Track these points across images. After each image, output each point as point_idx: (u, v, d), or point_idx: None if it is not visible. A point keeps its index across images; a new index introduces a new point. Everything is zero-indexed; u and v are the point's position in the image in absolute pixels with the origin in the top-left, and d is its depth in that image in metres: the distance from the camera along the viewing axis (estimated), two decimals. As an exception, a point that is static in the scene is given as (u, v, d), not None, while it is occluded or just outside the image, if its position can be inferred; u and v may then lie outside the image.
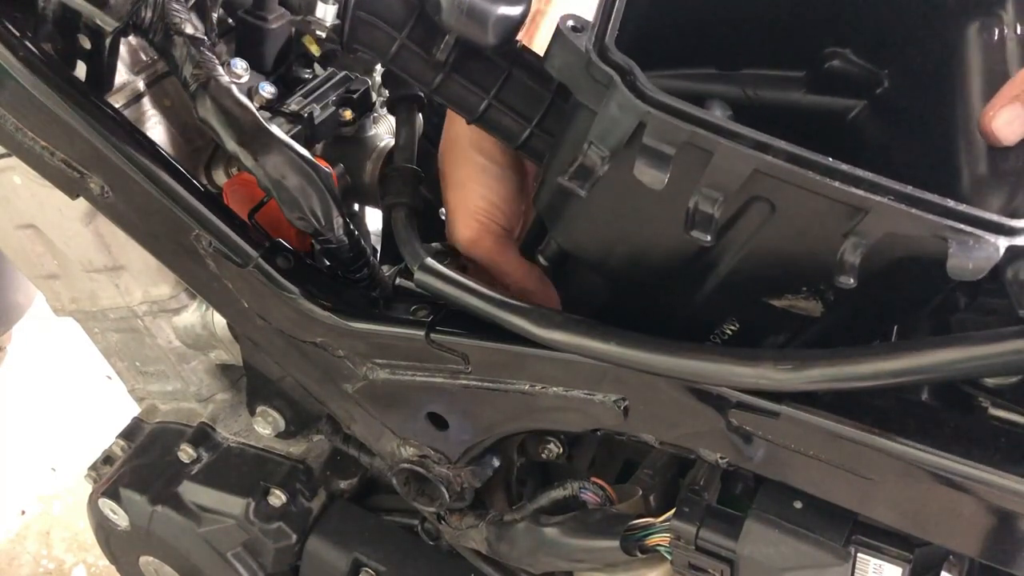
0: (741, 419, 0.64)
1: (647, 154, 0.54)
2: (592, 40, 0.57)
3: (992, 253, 0.51)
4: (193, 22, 0.74)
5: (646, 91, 0.54)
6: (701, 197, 0.55)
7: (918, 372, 0.56)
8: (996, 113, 0.57)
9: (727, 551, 0.71)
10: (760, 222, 0.57)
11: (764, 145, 0.53)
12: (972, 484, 0.57)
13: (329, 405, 0.89)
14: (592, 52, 0.56)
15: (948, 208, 0.51)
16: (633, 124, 0.55)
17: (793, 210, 0.55)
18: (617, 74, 0.55)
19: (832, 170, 0.52)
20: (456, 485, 0.86)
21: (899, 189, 0.52)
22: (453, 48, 0.71)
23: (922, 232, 0.52)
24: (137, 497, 1.06)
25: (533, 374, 0.72)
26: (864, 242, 0.54)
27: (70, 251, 0.98)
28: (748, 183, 0.54)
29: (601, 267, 0.69)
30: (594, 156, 0.58)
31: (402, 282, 0.83)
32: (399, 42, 0.72)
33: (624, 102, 0.54)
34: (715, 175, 0.54)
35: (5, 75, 0.74)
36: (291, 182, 0.73)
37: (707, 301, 0.65)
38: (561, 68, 0.59)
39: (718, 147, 0.53)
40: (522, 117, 0.73)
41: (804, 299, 0.61)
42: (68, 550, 1.86)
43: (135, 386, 1.17)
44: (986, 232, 0.51)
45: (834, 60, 0.75)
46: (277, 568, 1.04)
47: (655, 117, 0.54)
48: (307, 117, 0.90)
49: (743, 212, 0.57)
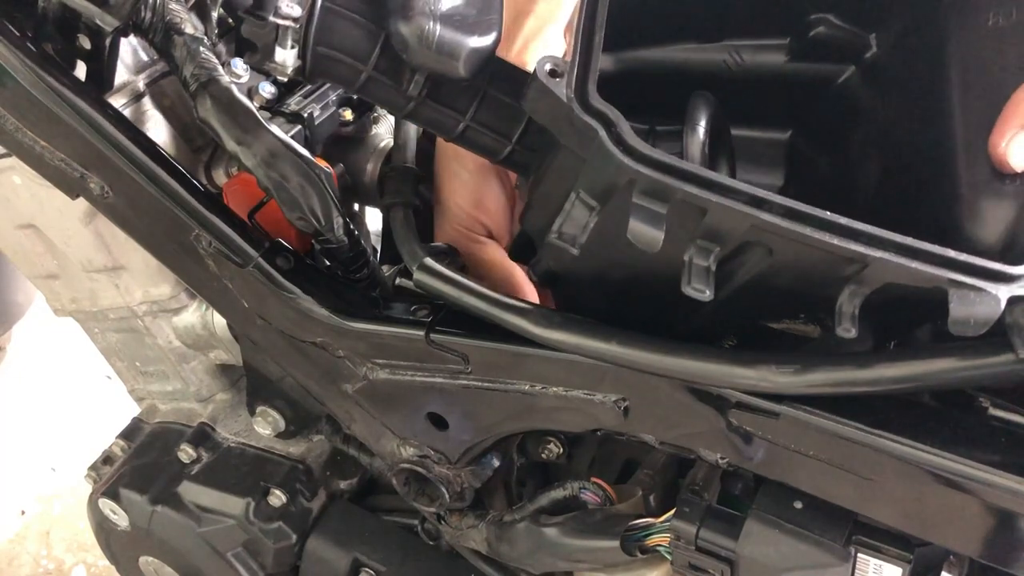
0: (741, 419, 0.64)
1: (639, 215, 0.52)
2: (572, 86, 0.54)
3: (994, 307, 0.49)
4: (193, 22, 0.74)
5: (634, 147, 0.52)
6: (696, 250, 0.54)
7: (919, 379, 0.56)
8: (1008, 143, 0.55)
9: (727, 551, 0.71)
10: (757, 263, 0.56)
11: (760, 200, 0.51)
12: (972, 484, 0.57)
13: (329, 405, 0.89)
14: (573, 102, 0.53)
15: (948, 259, 0.50)
16: (622, 181, 0.53)
17: (790, 255, 0.54)
18: (602, 127, 0.53)
19: (829, 224, 0.51)
20: (456, 485, 0.86)
21: (898, 242, 0.50)
22: (424, 83, 0.68)
23: (922, 284, 0.51)
24: (137, 497, 1.06)
25: (533, 374, 0.72)
26: (862, 291, 0.53)
27: (70, 251, 0.98)
28: (745, 235, 0.53)
29: (594, 289, 0.68)
30: (582, 209, 0.56)
31: (402, 282, 0.83)
32: (365, 74, 0.69)
33: (611, 159, 0.52)
34: (710, 230, 0.53)
35: (5, 75, 0.74)
36: (291, 182, 0.73)
37: (704, 322, 0.65)
38: (541, 115, 0.57)
39: (712, 205, 0.51)
40: (501, 135, 0.71)
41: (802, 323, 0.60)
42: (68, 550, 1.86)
43: (135, 386, 1.17)
44: (987, 282, 0.49)
45: (819, 27, 0.72)
46: (277, 568, 1.04)
47: (645, 177, 0.52)
48: (307, 117, 0.90)
49: (740, 254, 0.56)
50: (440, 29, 0.63)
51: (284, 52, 0.68)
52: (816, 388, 0.59)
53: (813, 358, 0.59)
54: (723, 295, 0.60)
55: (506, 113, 0.71)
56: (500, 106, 0.71)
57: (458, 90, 0.70)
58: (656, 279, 0.60)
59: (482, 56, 0.66)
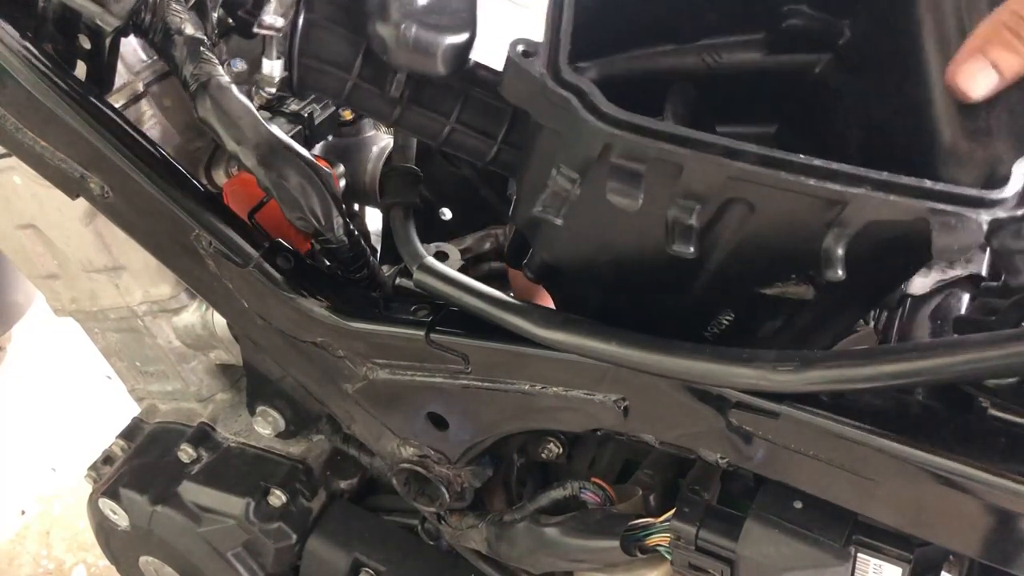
0: (741, 419, 0.64)
1: (617, 176, 0.53)
2: (545, 63, 0.55)
3: (976, 231, 0.50)
4: (193, 22, 0.74)
5: (607, 112, 0.53)
6: (677, 209, 0.55)
7: (918, 374, 0.56)
8: (960, 68, 0.55)
9: (727, 551, 0.71)
10: (741, 222, 0.56)
11: (734, 151, 0.52)
12: (972, 484, 0.57)
13: (329, 405, 0.89)
14: (547, 77, 0.55)
15: (926, 190, 0.51)
16: (599, 147, 0.54)
17: (772, 208, 0.55)
18: (575, 97, 0.54)
19: (806, 167, 0.51)
20: (456, 485, 0.86)
21: (875, 177, 0.51)
22: (406, 84, 0.69)
23: (903, 217, 0.51)
24: (137, 497, 1.06)
25: (533, 374, 0.72)
26: (847, 232, 0.53)
27: (70, 251, 0.98)
28: (723, 189, 0.53)
29: (587, 276, 0.69)
30: (563, 182, 0.57)
31: (402, 282, 0.83)
32: (351, 83, 0.70)
33: (586, 126, 0.53)
34: (688, 186, 0.54)
35: (5, 75, 0.74)
36: (291, 182, 0.73)
37: (699, 297, 0.65)
38: (517, 95, 0.58)
39: (687, 160, 0.52)
40: (487, 135, 0.72)
41: (795, 285, 0.60)
42: (68, 550, 1.86)
43: (135, 386, 1.17)
44: (967, 209, 0.50)
45: (792, 18, 0.73)
46: (277, 568, 1.04)
47: (620, 138, 0.53)
48: (307, 117, 0.90)
49: (723, 214, 0.56)
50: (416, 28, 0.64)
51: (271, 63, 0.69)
52: (816, 386, 0.59)
53: (811, 355, 0.59)
54: (713, 264, 0.60)
55: (490, 113, 0.72)
56: (484, 107, 0.72)
57: (441, 92, 0.71)
58: (645, 256, 0.61)
59: (458, 52, 0.67)
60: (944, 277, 0.75)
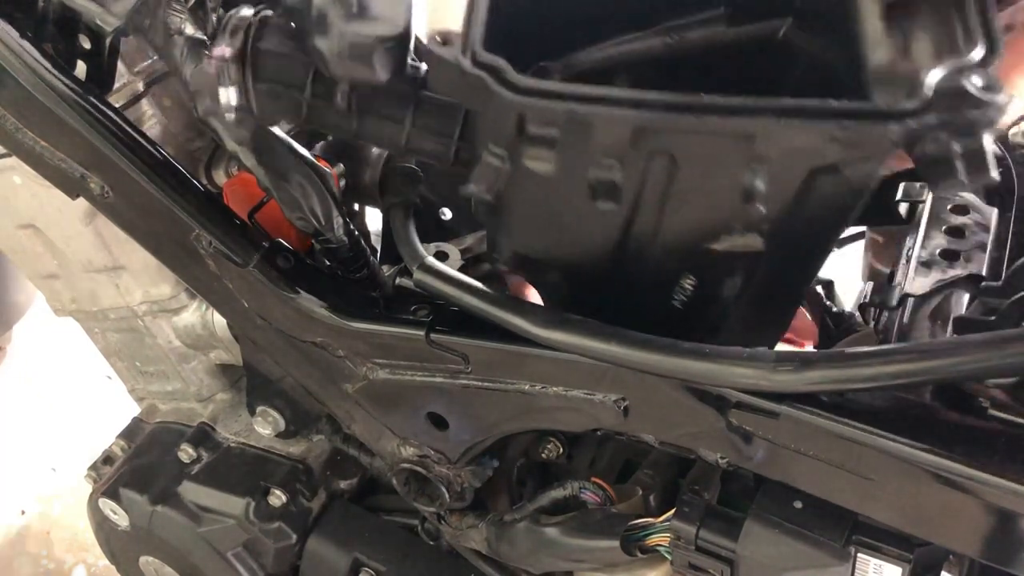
0: (741, 419, 0.64)
1: (534, 143, 0.55)
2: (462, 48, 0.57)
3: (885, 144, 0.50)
4: (193, 22, 0.74)
5: (518, 83, 0.54)
6: (598, 168, 0.56)
7: (918, 375, 0.56)
8: None
9: (727, 551, 0.71)
10: (667, 176, 0.57)
11: (638, 102, 0.53)
12: (972, 484, 0.57)
13: (329, 405, 0.89)
14: (461, 59, 0.56)
15: (832, 109, 0.51)
16: (514, 118, 0.55)
17: (691, 155, 0.55)
18: (488, 74, 0.55)
19: (708, 107, 0.52)
20: (456, 485, 0.86)
21: (777, 105, 0.51)
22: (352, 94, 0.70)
23: (815, 140, 0.52)
24: (137, 497, 1.06)
25: (533, 374, 0.72)
26: (765, 166, 0.53)
27: (70, 251, 0.98)
28: (637, 142, 0.54)
29: (551, 260, 0.69)
30: (492, 159, 0.58)
31: (402, 282, 0.83)
32: (306, 103, 0.70)
33: (501, 100, 0.55)
34: (602, 142, 0.55)
35: (5, 75, 0.74)
36: (291, 182, 0.73)
37: (656, 265, 0.65)
38: (441, 85, 0.60)
39: (595, 116, 0.53)
40: (443, 135, 0.72)
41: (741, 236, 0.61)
42: (68, 550, 1.86)
43: (135, 386, 1.17)
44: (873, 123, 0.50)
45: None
46: (277, 568, 1.04)
47: (531, 106, 0.54)
48: (307, 117, 0.90)
49: (647, 172, 0.57)
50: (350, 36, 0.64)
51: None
52: (815, 386, 0.59)
53: (811, 355, 0.59)
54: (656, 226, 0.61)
55: (443, 112, 0.72)
56: (435, 107, 0.72)
57: (390, 99, 0.71)
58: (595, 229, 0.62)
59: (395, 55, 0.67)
60: (944, 277, 0.75)
